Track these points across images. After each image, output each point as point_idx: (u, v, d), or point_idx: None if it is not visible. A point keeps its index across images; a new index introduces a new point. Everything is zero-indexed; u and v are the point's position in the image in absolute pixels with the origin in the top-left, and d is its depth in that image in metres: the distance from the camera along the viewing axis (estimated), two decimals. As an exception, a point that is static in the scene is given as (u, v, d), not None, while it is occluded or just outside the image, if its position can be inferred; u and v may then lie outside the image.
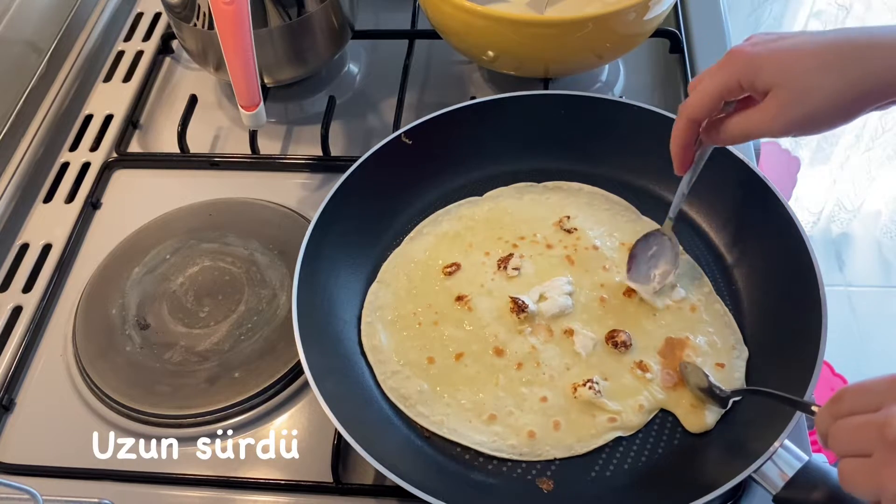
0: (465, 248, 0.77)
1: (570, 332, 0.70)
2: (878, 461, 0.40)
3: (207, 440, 0.69)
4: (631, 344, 0.69)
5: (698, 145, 0.65)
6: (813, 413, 0.52)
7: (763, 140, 0.83)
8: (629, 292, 0.72)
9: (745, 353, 0.68)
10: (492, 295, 0.73)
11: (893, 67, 0.54)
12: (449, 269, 0.75)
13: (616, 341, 0.69)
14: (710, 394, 0.64)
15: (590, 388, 0.66)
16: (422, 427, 0.66)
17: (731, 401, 0.64)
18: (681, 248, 0.74)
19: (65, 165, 0.91)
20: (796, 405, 0.56)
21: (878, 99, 0.55)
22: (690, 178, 0.67)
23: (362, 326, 0.72)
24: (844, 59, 0.55)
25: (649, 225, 0.77)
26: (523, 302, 0.70)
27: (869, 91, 0.55)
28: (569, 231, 0.76)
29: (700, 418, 0.64)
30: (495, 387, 0.67)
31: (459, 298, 0.73)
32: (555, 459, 0.64)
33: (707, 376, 0.65)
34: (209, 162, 0.89)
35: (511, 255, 0.75)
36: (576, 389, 0.66)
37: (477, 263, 0.75)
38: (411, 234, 0.78)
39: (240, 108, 0.76)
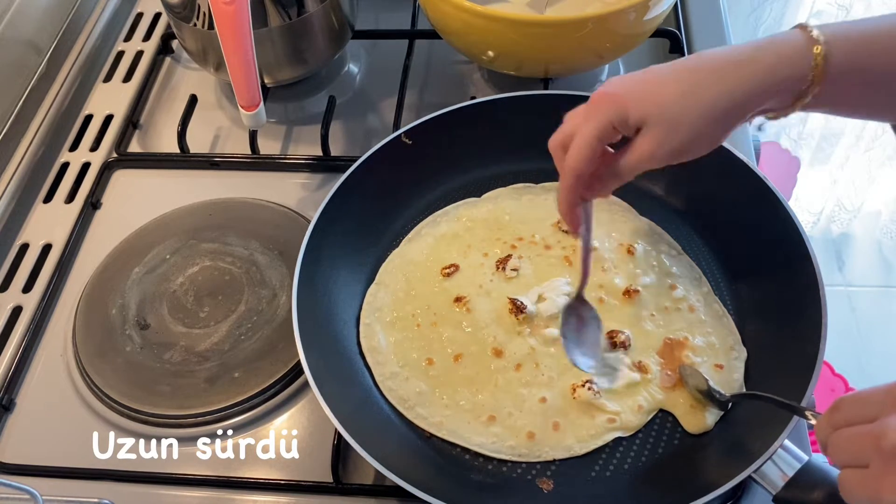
0: (464, 249, 0.77)
1: None
2: (874, 472, 0.41)
3: (207, 440, 0.69)
4: (630, 344, 0.69)
5: (584, 205, 0.63)
6: (809, 419, 0.53)
7: (763, 140, 0.83)
8: (628, 293, 0.72)
9: (744, 354, 0.68)
10: (490, 296, 0.73)
11: (743, 84, 0.54)
12: (447, 271, 0.75)
13: (615, 342, 0.68)
14: (710, 397, 0.64)
15: (588, 388, 0.66)
16: (421, 428, 0.66)
17: (730, 403, 0.64)
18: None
19: (65, 165, 0.91)
20: (794, 410, 0.56)
21: (739, 116, 0.56)
22: (588, 235, 0.64)
23: (361, 328, 0.72)
24: (705, 82, 0.55)
25: (647, 224, 0.77)
26: (522, 303, 0.70)
27: (727, 109, 0.55)
28: (567, 232, 0.76)
29: (699, 419, 0.64)
30: (494, 388, 0.67)
31: (458, 300, 0.72)
32: (554, 460, 0.64)
33: (707, 380, 0.64)
34: (209, 162, 0.89)
35: (509, 256, 0.75)
36: (575, 390, 0.66)
37: (475, 264, 0.75)
38: (409, 235, 0.78)
39: (240, 108, 0.76)
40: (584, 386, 0.66)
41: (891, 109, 0.57)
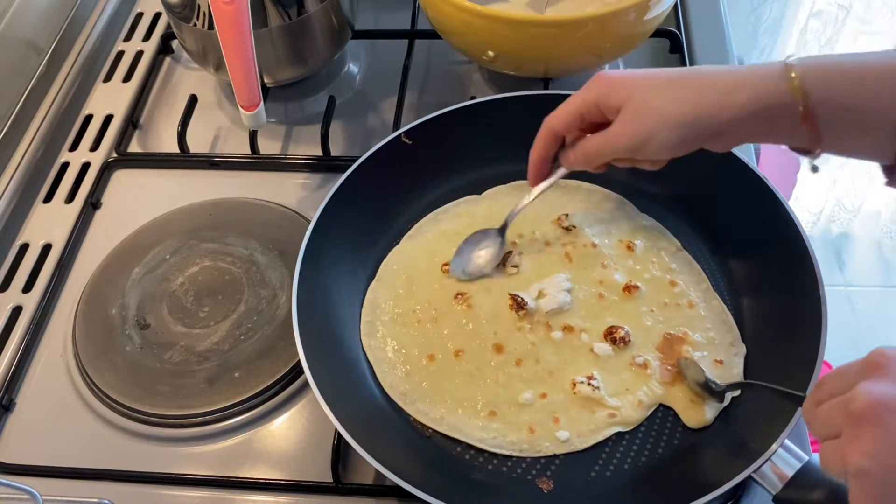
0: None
1: (569, 329, 0.70)
2: (844, 438, 0.41)
3: (207, 440, 0.69)
4: (630, 340, 0.69)
5: (555, 165, 0.69)
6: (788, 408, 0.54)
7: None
8: (628, 289, 0.72)
9: (743, 350, 0.68)
10: (491, 292, 0.73)
11: (713, 100, 0.58)
12: (448, 267, 0.75)
13: (615, 337, 0.69)
14: (708, 389, 0.64)
15: (589, 384, 0.66)
16: (422, 426, 0.66)
17: (728, 395, 0.64)
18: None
19: (65, 165, 0.91)
20: (791, 398, 0.56)
21: (706, 130, 0.59)
22: (535, 192, 0.71)
23: (362, 325, 0.72)
24: (685, 87, 0.59)
25: (647, 221, 0.77)
26: (522, 299, 0.71)
27: (698, 117, 0.58)
28: (567, 229, 0.77)
29: (699, 413, 0.64)
30: (495, 383, 0.68)
31: (458, 296, 0.73)
32: (555, 457, 0.64)
33: (703, 371, 0.65)
34: (209, 162, 0.89)
35: (510, 252, 0.75)
36: (575, 385, 0.66)
37: None
38: (410, 232, 0.78)
39: (240, 108, 0.76)
40: (583, 381, 0.66)
41: (862, 147, 0.58)
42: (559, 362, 0.68)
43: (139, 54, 1.02)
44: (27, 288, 0.80)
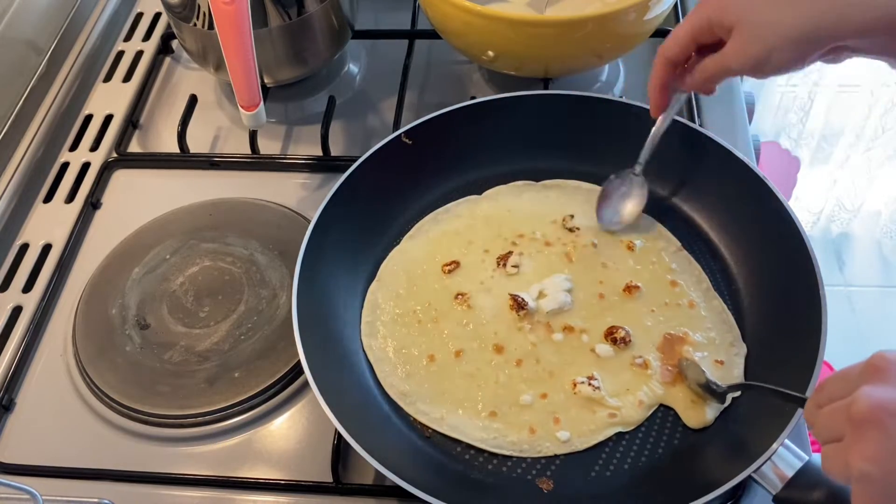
0: (465, 246, 0.77)
1: (569, 329, 0.70)
2: (846, 442, 0.41)
3: (207, 440, 0.69)
4: (630, 340, 0.69)
5: (673, 91, 0.70)
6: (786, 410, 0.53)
7: (763, 140, 0.83)
8: (628, 289, 0.72)
9: (744, 350, 0.68)
10: (491, 292, 0.73)
11: (840, 16, 0.56)
12: (448, 267, 0.75)
13: (615, 337, 0.69)
14: (708, 390, 0.64)
15: (589, 384, 0.66)
16: (422, 426, 0.66)
17: (729, 396, 0.64)
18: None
19: (65, 165, 0.91)
20: (792, 400, 0.56)
21: (826, 39, 0.57)
22: (664, 122, 0.72)
23: (362, 326, 0.72)
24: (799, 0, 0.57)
25: (647, 221, 0.77)
26: (523, 299, 0.71)
27: (817, 28, 0.57)
28: (570, 230, 0.77)
29: (700, 413, 0.64)
30: (495, 384, 0.68)
31: (459, 296, 0.73)
32: (555, 457, 0.64)
33: (704, 372, 0.65)
34: (209, 162, 0.89)
35: (510, 252, 0.75)
36: (575, 386, 0.66)
37: (476, 261, 0.75)
38: (410, 232, 0.78)
39: (240, 108, 0.76)
40: (584, 381, 0.66)
41: None
42: (560, 362, 0.68)
43: (139, 54, 1.02)
44: (27, 288, 0.80)
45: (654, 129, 0.73)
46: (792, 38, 0.57)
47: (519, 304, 0.71)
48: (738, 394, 0.65)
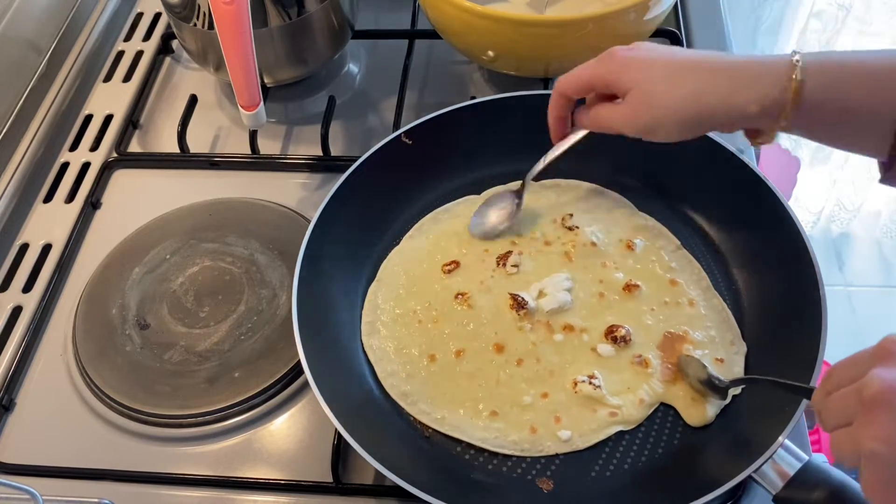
0: (465, 245, 0.77)
1: (569, 328, 0.70)
2: (858, 424, 0.41)
3: (207, 440, 0.69)
4: (631, 339, 0.69)
5: (572, 125, 0.71)
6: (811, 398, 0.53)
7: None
8: (628, 288, 0.72)
9: (744, 349, 0.68)
10: (491, 292, 0.73)
11: (722, 89, 0.58)
12: (448, 267, 0.75)
13: (616, 336, 0.69)
14: (710, 385, 0.64)
15: (590, 383, 0.66)
16: (422, 426, 0.66)
17: (730, 393, 0.64)
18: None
19: (65, 165, 0.91)
20: (796, 391, 0.57)
21: (707, 123, 0.60)
22: (559, 152, 0.72)
23: (363, 326, 0.72)
24: (691, 77, 0.59)
25: (647, 220, 0.77)
26: (523, 298, 0.71)
27: (699, 112, 0.59)
28: (570, 228, 0.77)
29: (700, 411, 0.64)
30: (496, 383, 0.68)
31: (459, 296, 0.73)
32: (556, 456, 0.64)
33: (706, 367, 0.65)
34: (209, 162, 0.89)
35: (510, 252, 0.75)
36: (576, 385, 0.66)
37: (476, 261, 0.75)
38: (410, 232, 0.78)
39: (240, 108, 0.76)
40: (585, 381, 0.66)
41: (860, 144, 0.59)
42: (560, 362, 0.68)
43: (139, 54, 1.02)
44: (27, 288, 0.80)
45: (547, 153, 0.73)
46: (677, 117, 0.60)
47: (519, 304, 0.71)
48: (738, 390, 0.65)
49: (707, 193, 0.77)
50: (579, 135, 0.70)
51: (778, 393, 0.59)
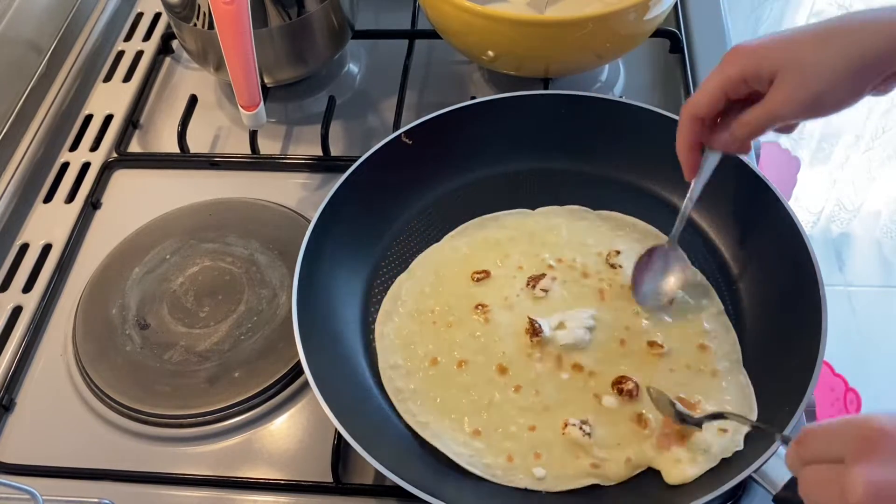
0: (501, 257, 0.75)
1: (578, 368, 0.67)
2: None
3: (207, 440, 0.69)
4: (638, 394, 0.65)
5: (705, 153, 0.64)
6: (775, 440, 0.52)
7: (763, 139, 0.83)
8: (653, 343, 0.68)
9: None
10: (512, 310, 0.71)
11: (887, 40, 0.54)
12: (478, 276, 0.74)
13: (622, 388, 0.65)
14: (681, 419, 0.62)
15: (580, 428, 0.63)
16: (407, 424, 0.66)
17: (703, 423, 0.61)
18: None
19: (65, 165, 0.91)
20: (761, 430, 0.57)
21: (876, 71, 0.56)
22: (697, 186, 0.66)
23: (380, 313, 0.72)
24: (840, 36, 0.56)
25: (695, 275, 0.73)
26: (540, 326, 0.68)
27: (867, 62, 0.55)
28: (612, 266, 0.74)
29: (681, 472, 0.60)
30: (489, 403, 0.66)
31: (479, 307, 0.71)
32: (526, 489, 0.62)
33: (673, 404, 0.62)
34: (209, 162, 0.89)
35: (543, 275, 0.73)
36: (566, 426, 0.64)
37: (507, 275, 0.73)
38: (453, 232, 0.78)
39: (240, 108, 0.76)
40: (576, 424, 0.63)
41: None
42: (558, 399, 0.65)
43: (139, 54, 1.02)
44: (27, 288, 0.80)
45: (688, 195, 0.67)
46: (841, 76, 0.55)
47: (535, 330, 0.68)
48: (708, 422, 0.61)
49: (707, 194, 0.76)
50: (713, 163, 0.65)
51: (778, 393, 0.59)
